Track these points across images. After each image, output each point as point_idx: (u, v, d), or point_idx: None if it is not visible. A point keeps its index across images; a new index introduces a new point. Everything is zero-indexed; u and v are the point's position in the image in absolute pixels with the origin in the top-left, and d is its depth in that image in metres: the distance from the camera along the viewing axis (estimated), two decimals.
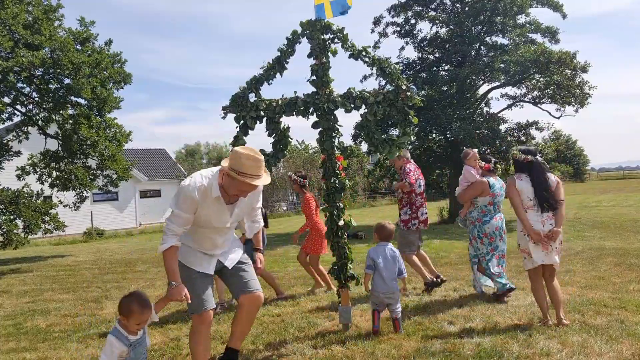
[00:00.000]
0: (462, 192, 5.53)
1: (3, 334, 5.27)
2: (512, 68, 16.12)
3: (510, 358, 3.65)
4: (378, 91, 4.71)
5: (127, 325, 2.83)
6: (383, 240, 4.60)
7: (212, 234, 3.35)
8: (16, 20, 10.43)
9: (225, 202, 3.24)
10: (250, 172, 3.07)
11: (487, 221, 5.41)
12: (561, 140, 55.44)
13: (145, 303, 2.83)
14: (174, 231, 3.15)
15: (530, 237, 4.37)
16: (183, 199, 3.13)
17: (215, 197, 3.17)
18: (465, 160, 5.66)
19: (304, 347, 4.17)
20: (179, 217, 3.15)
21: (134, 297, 2.85)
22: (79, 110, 11.83)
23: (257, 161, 3.11)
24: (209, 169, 3.33)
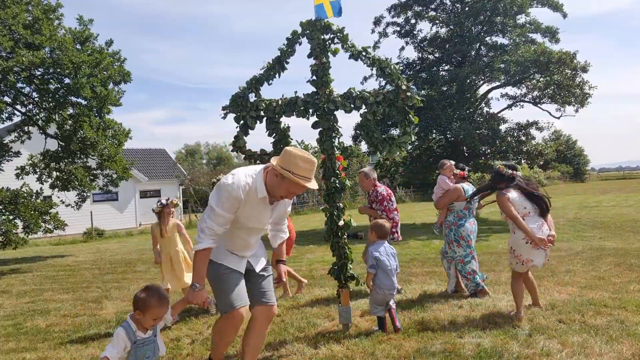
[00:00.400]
0: (439, 200, 5.83)
1: (3, 334, 5.27)
2: (512, 68, 16.13)
3: (510, 358, 3.65)
4: (378, 91, 4.71)
5: (140, 321, 2.72)
6: (381, 239, 4.65)
7: (247, 234, 3.25)
8: (16, 20, 10.44)
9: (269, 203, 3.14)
10: (303, 174, 2.98)
11: (462, 224, 5.68)
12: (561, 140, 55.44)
13: (163, 297, 2.74)
14: (214, 231, 3.01)
15: (532, 243, 4.52)
16: (227, 198, 2.99)
17: (261, 197, 3.07)
18: (441, 170, 5.94)
19: (304, 347, 4.17)
20: (220, 217, 3.00)
21: (152, 290, 2.74)
22: (79, 110, 11.83)
23: (311, 164, 3.02)
24: (250, 167, 3.20)
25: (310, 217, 23.28)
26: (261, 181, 3.07)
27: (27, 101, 12.09)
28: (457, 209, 5.69)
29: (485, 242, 10.97)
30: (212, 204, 3.02)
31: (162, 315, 2.75)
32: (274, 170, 3.01)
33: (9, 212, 11.40)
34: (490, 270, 7.27)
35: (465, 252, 5.63)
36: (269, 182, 3.07)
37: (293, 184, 2.99)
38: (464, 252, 5.63)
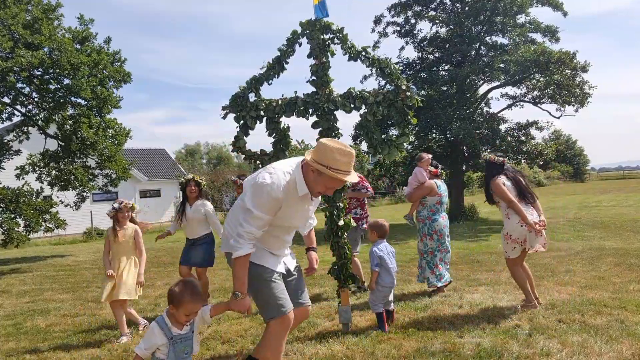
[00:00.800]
0: (412, 192, 5.98)
1: (3, 334, 5.27)
2: (512, 68, 16.12)
3: (510, 358, 3.65)
4: (378, 91, 4.71)
5: (175, 316, 2.65)
6: (381, 238, 4.73)
7: (285, 233, 3.12)
8: (16, 20, 10.43)
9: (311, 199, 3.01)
10: (342, 169, 2.81)
11: (436, 219, 5.90)
12: (561, 140, 55.41)
13: (197, 292, 2.65)
14: (253, 235, 2.82)
15: (527, 226, 4.81)
16: (266, 199, 2.79)
17: (302, 195, 2.90)
18: (419, 163, 6.06)
19: (304, 347, 4.17)
20: (259, 220, 2.81)
21: (185, 285, 2.66)
22: (79, 111, 11.83)
23: (350, 156, 2.83)
24: (286, 162, 3.01)
25: None
26: (301, 177, 2.89)
27: (27, 101, 12.09)
28: (429, 203, 5.91)
29: (485, 242, 10.98)
30: (250, 206, 2.82)
31: (195, 310, 2.66)
32: (310, 166, 2.85)
33: (10, 211, 11.44)
34: (490, 270, 7.27)
35: (436, 245, 5.85)
36: (307, 178, 2.89)
37: (332, 180, 2.83)
38: (434, 245, 5.86)
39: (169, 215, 28.91)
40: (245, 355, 4.07)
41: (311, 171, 2.86)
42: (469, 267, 7.75)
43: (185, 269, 5.90)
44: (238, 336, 4.63)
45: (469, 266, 7.88)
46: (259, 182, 2.83)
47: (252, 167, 4.90)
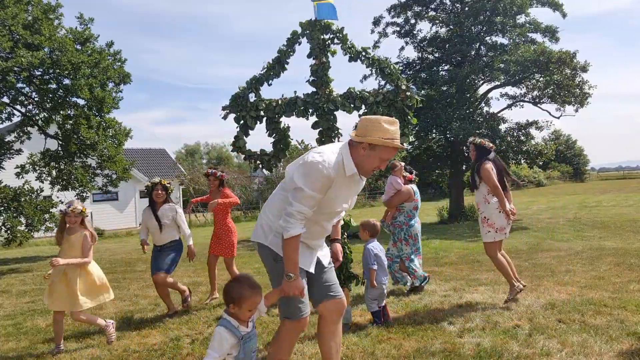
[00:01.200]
0: (391, 199, 6.03)
1: (3, 334, 5.27)
2: (512, 68, 16.13)
3: (510, 358, 3.65)
4: (378, 91, 4.71)
5: (237, 314, 2.56)
6: (372, 237, 4.84)
7: (326, 219, 3.02)
8: (16, 20, 10.43)
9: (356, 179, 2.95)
10: (395, 136, 2.80)
11: (412, 224, 6.01)
12: (561, 140, 55.41)
13: (256, 284, 2.58)
14: (305, 214, 2.76)
15: (504, 213, 5.13)
16: (318, 177, 2.74)
17: (349, 174, 2.85)
18: (393, 172, 6.13)
19: (304, 347, 4.16)
20: (311, 198, 2.74)
21: (243, 279, 2.59)
22: (77, 111, 11.84)
23: (396, 123, 2.84)
24: (329, 145, 2.99)
25: None
26: (349, 157, 2.85)
27: (26, 101, 12.09)
28: (407, 209, 5.99)
29: None
30: (301, 184, 2.75)
31: (257, 304, 2.59)
32: (360, 144, 2.81)
33: (12, 210, 11.50)
34: (490, 270, 7.27)
35: (411, 250, 5.96)
36: (357, 158, 2.85)
37: (386, 150, 2.80)
38: (410, 250, 5.96)
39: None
40: None
41: (362, 149, 2.83)
42: (469, 267, 7.76)
43: (158, 277, 5.49)
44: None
45: (469, 266, 7.88)
46: (309, 160, 2.79)
47: (252, 167, 4.90)
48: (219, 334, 2.52)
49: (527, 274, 6.77)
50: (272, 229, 2.94)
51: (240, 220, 25.37)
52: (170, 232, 5.60)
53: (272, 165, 4.83)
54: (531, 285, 6.04)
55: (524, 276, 6.65)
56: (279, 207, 2.92)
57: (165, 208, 5.60)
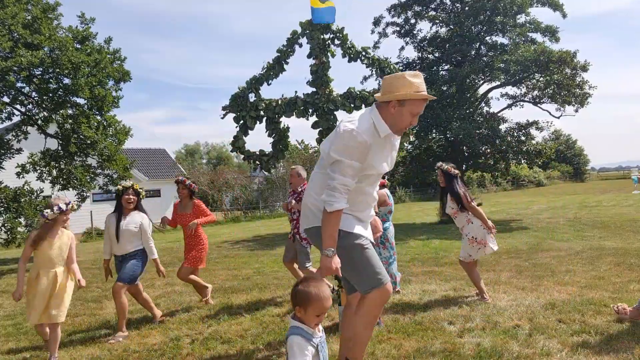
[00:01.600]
0: None
1: (3, 334, 5.27)
2: (512, 67, 16.14)
3: (510, 358, 3.65)
4: (378, 91, 4.71)
5: (305, 318, 2.34)
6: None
7: (369, 185, 2.95)
8: (15, 20, 10.44)
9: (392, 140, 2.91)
10: (421, 88, 2.79)
11: (387, 228, 5.93)
12: (561, 140, 55.44)
13: (325, 288, 2.36)
14: (348, 185, 2.69)
15: (487, 228, 5.36)
16: (354, 145, 2.68)
17: (384, 136, 2.82)
18: None
19: None
20: (350, 168, 2.68)
21: (310, 281, 2.37)
22: (78, 110, 11.84)
23: (420, 75, 2.84)
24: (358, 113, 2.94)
25: None
26: (379, 119, 2.82)
27: (26, 101, 12.10)
28: (382, 213, 5.94)
29: None
30: (338, 156, 2.69)
31: (325, 309, 2.34)
32: (389, 102, 2.80)
33: (12, 210, 11.50)
34: (490, 270, 7.27)
35: (389, 253, 5.92)
36: (388, 117, 2.83)
37: (415, 103, 2.79)
38: (388, 254, 5.90)
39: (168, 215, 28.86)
40: (244, 355, 4.08)
41: (391, 107, 2.81)
42: None
43: (131, 288, 5.15)
44: (238, 336, 4.63)
45: None
46: (341, 131, 2.74)
47: (252, 167, 4.89)
48: (297, 344, 2.27)
49: (527, 274, 6.77)
50: (320, 209, 2.83)
51: (240, 220, 25.36)
52: (133, 242, 5.08)
53: (270, 166, 4.83)
54: (531, 285, 6.04)
55: (524, 276, 6.65)
56: (321, 185, 2.86)
57: (134, 214, 5.14)
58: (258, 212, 27.67)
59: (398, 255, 9.40)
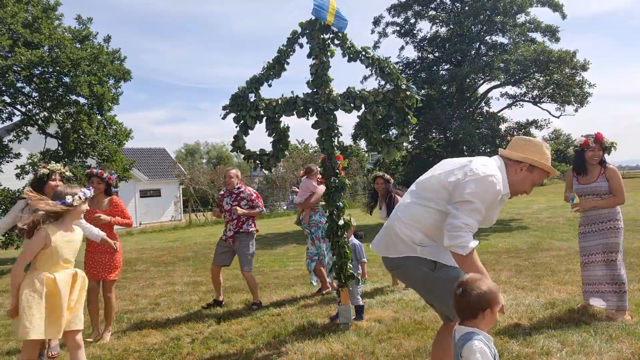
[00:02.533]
0: (309, 199, 6.29)
1: (3, 334, 5.26)
2: (512, 67, 16.14)
3: (510, 357, 3.65)
4: (378, 91, 4.71)
5: (485, 321, 2.16)
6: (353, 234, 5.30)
7: None
8: (15, 19, 10.45)
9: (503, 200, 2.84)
10: (550, 162, 2.80)
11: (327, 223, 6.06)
12: (561, 139, 55.44)
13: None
14: (472, 228, 2.61)
15: None
16: (491, 191, 2.65)
17: (504, 194, 2.75)
18: (309, 175, 6.39)
19: (304, 346, 4.17)
20: (479, 212, 2.63)
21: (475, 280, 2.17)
22: (77, 108, 11.85)
23: (550, 149, 2.83)
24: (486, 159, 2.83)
25: None
26: (505, 176, 2.78)
27: (26, 100, 12.10)
28: (321, 208, 6.18)
29: (486, 241, 10.97)
30: (472, 197, 2.60)
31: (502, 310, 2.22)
32: (520, 164, 2.79)
33: None
34: (490, 269, 7.27)
35: (327, 246, 6.03)
36: (512, 177, 2.80)
37: (541, 174, 2.81)
38: (326, 247, 6.10)
39: (168, 215, 28.94)
40: (244, 355, 4.08)
41: (520, 168, 2.80)
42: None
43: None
44: (238, 336, 4.63)
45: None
46: (481, 174, 2.66)
47: (252, 167, 4.90)
48: (483, 352, 2.07)
49: (527, 273, 6.77)
50: (414, 241, 2.77)
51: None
52: None
53: (270, 165, 4.83)
54: (531, 284, 6.04)
55: (523, 275, 6.65)
56: (418, 219, 2.79)
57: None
58: None
59: None
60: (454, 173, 2.76)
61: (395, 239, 2.85)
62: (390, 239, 2.88)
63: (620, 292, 4.50)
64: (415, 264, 2.78)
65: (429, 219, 2.76)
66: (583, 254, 4.87)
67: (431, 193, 2.80)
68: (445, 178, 2.78)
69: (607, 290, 4.55)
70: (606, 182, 4.72)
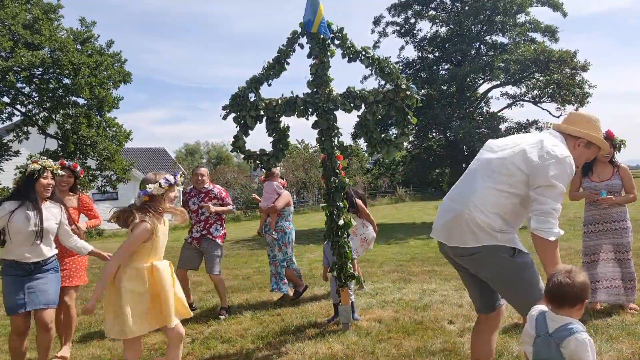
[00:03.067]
0: (277, 203, 5.90)
1: (3, 334, 5.26)
2: (512, 67, 16.14)
3: (510, 357, 3.65)
4: (378, 90, 4.71)
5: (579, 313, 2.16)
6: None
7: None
8: (16, 20, 10.46)
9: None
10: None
11: (292, 228, 6.13)
12: None
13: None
14: (558, 212, 2.56)
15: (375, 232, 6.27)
16: (570, 172, 2.59)
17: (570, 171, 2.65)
18: (272, 177, 6.10)
19: (304, 346, 4.17)
20: (562, 194, 2.57)
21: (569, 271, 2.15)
22: (77, 110, 11.86)
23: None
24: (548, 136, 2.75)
25: (310, 217, 23.28)
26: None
27: (27, 101, 12.11)
28: (286, 213, 6.04)
29: None
30: (555, 181, 2.53)
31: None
32: (580, 139, 2.75)
33: None
34: None
35: (292, 252, 6.07)
36: (577, 153, 2.75)
37: (594, 150, 2.79)
38: (291, 252, 6.05)
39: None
40: (245, 355, 4.08)
41: (577, 145, 2.77)
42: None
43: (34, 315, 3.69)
44: (238, 336, 4.63)
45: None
46: (560, 156, 2.58)
47: (252, 167, 4.90)
48: (592, 345, 2.09)
49: None
50: (494, 228, 2.66)
51: (240, 219, 25.35)
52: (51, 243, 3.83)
53: (270, 165, 4.83)
54: None
55: None
56: (495, 203, 2.67)
57: (50, 206, 3.82)
58: (258, 212, 27.66)
59: (399, 254, 9.43)
60: (527, 155, 2.64)
61: (473, 227, 2.69)
62: (467, 227, 2.70)
63: (633, 288, 4.64)
64: (495, 252, 2.68)
65: (507, 204, 2.66)
66: (587, 253, 4.90)
67: (504, 176, 2.68)
68: (518, 160, 2.66)
69: (616, 286, 4.65)
70: (620, 179, 4.76)
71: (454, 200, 2.86)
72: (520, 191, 2.64)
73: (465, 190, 2.80)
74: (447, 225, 2.82)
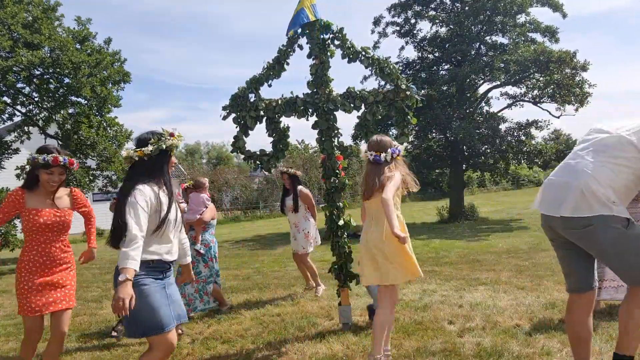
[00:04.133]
0: (203, 215, 5.52)
1: (3, 334, 5.27)
2: (512, 67, 16.14)
3: (511, 357, 3.65)
4: (377, 91, 4.71)
5: None
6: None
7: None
8: (15, 20, 10.46)
9: None
10: None
11: (216, 241, 5.73)
12: (561, 139, 55.41)
13: None
14: None
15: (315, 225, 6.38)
16: None
17: None
18: (202, 189, 5.75)
19: (304, 346, 4.17)
20: None
21: None
22: (79, 109, 11.87)
23: None
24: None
25: None
26: None
27: (27, 101, 12.11)
28: (210, 227, 5.67)
29: (486, 241, 10.98)
30: None
31: None
32: None
33: None
34: (491, 269, 7.28)
35: (218, 268, 5.66)
36: None
37: None
38: (217, 268, 5.65)
39: None
40: (244, 355, 4.08)
41: None
42: (469, 267, 7.75)
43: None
44: (238, 336, 4.63)
45: (469, 266, 7.88)
46: None
47: (252, 167, 4.90)
48: None
49: (528, 274, 6.77)
50: (610, 199, 2.76)
51: (240, 219, 25.36)
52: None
53: (270, 166, 4.83)
54: (532, 284, 6.04)
55: (524, 275, 6.65)
56: (610, 177, 2.79)
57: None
58: (258, 212, 27.68)
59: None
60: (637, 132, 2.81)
61: (588, 197, 2.78)
62: (582, 197, 2.79)
63: None
64: (609, 222, 2.75)
65: (622, 179, 2.79)
66: None
67: (618, 151, 2.82)
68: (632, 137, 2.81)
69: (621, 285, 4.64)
70: None
71: (565, 174, 2.95)
72: (635, 165, 2.79)
73: (578, 166, 2.89)
74: (559, 196, 2.90)
